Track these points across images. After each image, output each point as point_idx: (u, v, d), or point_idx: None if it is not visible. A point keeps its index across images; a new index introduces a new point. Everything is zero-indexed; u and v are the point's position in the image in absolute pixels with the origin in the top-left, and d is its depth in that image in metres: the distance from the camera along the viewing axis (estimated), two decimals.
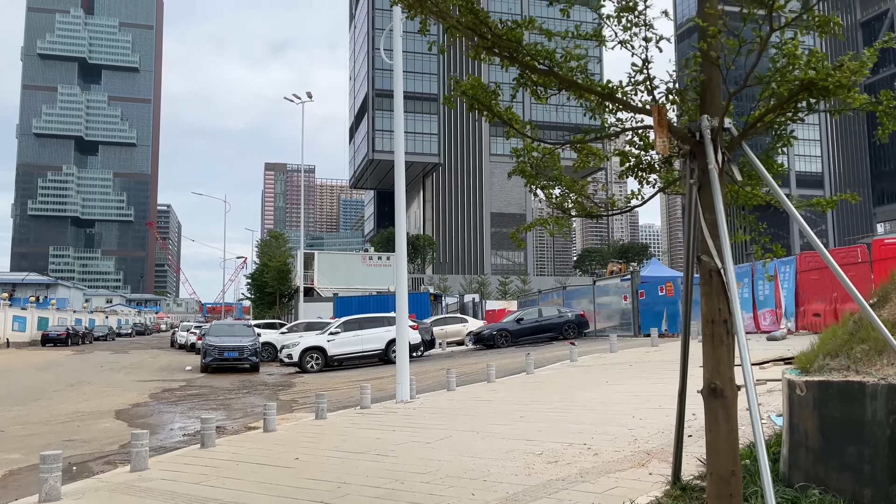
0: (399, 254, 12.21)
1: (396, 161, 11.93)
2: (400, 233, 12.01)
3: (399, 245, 12.00)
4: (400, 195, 12.03)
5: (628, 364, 13.58)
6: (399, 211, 11.87)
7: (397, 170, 12.08)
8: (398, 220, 11.86)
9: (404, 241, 12.28)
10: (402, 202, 11.92)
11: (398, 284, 12.08)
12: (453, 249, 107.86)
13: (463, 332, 28.36)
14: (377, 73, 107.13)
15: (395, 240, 12.04)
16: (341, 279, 44.18)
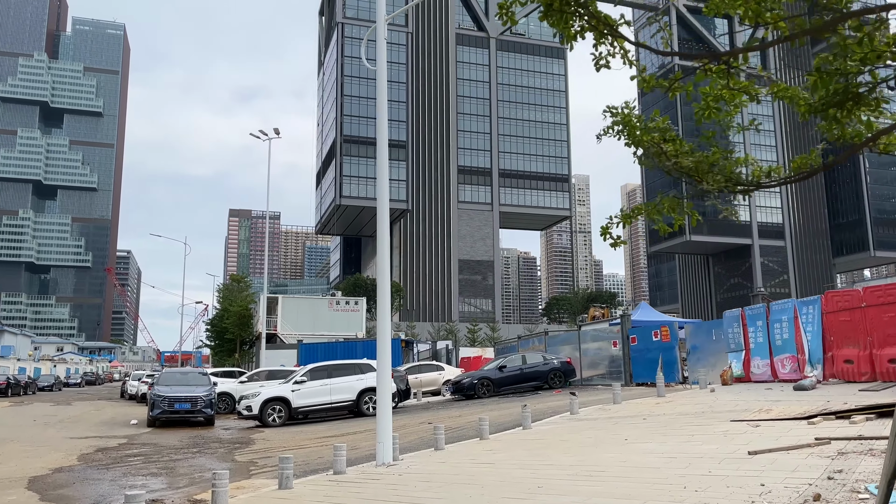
0: (381, 298, 10.40)
1: (379, 206, 10.28)
2: (383, 275, 10.25)
3: (381, 289, 10.23)
4: (383, 237, 10.29)
5: (641, 418, 11.85)
6: (382, 252, 10.13)
7: (380, 214, 10.40)
8: (380, 262, 10.11)
9: (387, 285, 10.48)
10: (385, 242, 10.18)
11: (380, 329, 10.26)
12: (421, 296, 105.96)
13: (439, 381, 26.39)
14: (345, 118, 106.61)
15: (377, 283, 10.26)
16: (306, 325, 41.88)
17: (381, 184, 10.53)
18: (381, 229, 10.36)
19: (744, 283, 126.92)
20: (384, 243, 10.53)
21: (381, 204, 10.47)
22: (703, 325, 18.35)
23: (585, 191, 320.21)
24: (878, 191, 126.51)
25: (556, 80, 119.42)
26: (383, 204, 10.52)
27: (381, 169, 10.62)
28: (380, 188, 10.40)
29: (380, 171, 10.61)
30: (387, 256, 10.54)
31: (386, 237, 10.55)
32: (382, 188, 10.56)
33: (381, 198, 10.32)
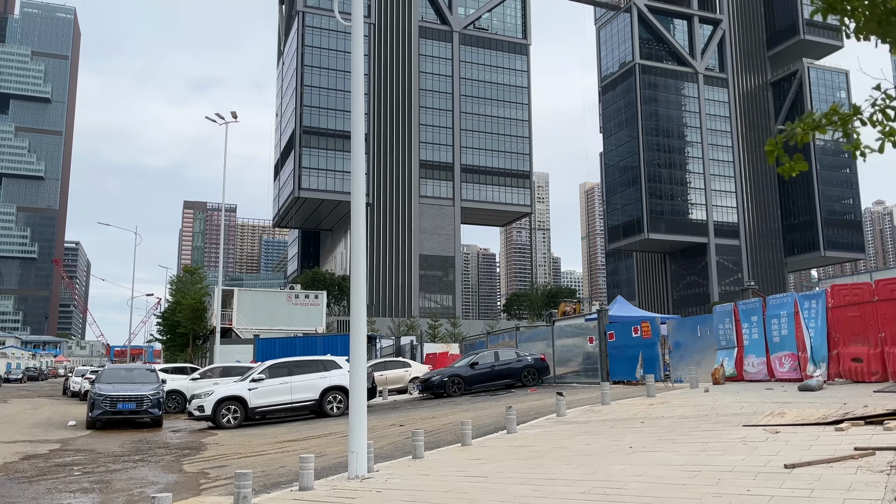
0: (356, 290, 9.07)
1: (354, 193, 8.98)
2: (358, 265, 8.93)
3: (356, 282, 8.92)
4: (358, 226, 8.98)
5: (638, 421, 10.79)
6: (357, 243, 8.82)
7: (354, 203, 9.09)
8: (355, 253, 8.78)
9: (363, 277, 9.15)
10: (360, 232, 8.87)
11: (354, 324, 8.92)
12: (381, 292, 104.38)
13: (406, 378, 25.10)
14: (305, 109, 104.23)
15: (351, 274, 8.91)
16: (264, 319, 40.12)
17: (356, 173, 9.24)
18: (357, 219, 9.07)
19: (700, 282, 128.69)
20: (359, 232, 9.23)
21: (357, 191, 9.19)
22: (687, 320, 17.52)
23: (545, 188, 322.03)
24: (828, 192, 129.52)
25: (518, 77, 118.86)
26: (359, 191, 9.23)
27: (357, 157, 9.33)
28: (355, 177, 9.13)
29: (355, 161, 9.32)
30: (362, 247, 9.24)
31: (362, 226, 9.25)
32: (358, 176, 9.28)
33: (356, 184, 9.04)
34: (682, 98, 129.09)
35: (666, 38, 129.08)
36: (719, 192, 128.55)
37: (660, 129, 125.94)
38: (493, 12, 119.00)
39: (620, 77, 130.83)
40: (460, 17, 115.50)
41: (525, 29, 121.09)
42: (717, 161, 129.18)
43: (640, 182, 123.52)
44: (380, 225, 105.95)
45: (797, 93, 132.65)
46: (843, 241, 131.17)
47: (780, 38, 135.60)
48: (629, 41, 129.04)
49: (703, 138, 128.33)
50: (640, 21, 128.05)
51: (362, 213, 9.18)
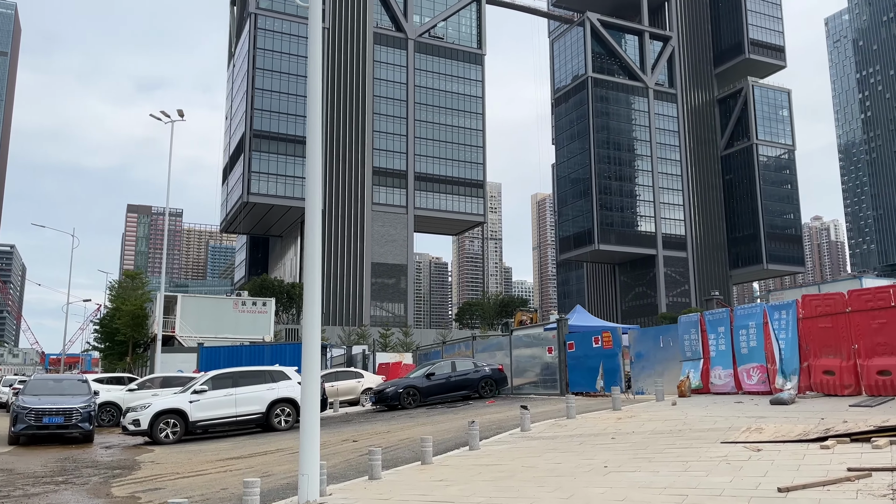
0: (310, 296, 8.24)
1: (309, 194, 8.16)
2: (312, 269, 8.12)
3: (311, 286, 8.08)
4: (313, 228, 8.17)
5: (608, 437, 10.21)
6: (312, 245, 7.99)
7: (310, 202, 8.27)
8: (310, 259, 7.96)
9: (317, 282, 8.33)
10: (315, 233, 8.05)
11: (307, 333, 8.06)
12: (332, 299, 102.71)
13: (358, 389, 24.16)
14: (256, 113, 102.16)
15: (305, 279, 8.06)
16: (208, 326, 38.54)
17: (312, 179, 8.45)
18: (312, 222, 8.25)
19: (648, 293, 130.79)
20: (315, 234, 8.41)
21: (312, 197, 8.38)
22: (649, 330, 17.15)
23: (498, 198, 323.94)
24: (770, 207, 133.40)
25: (473, 86, 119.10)
26: (314, 197, 8.43)
27: (313, 158, 8.53)
28: (310, 183, 8.32)
29: (311, 161, 8.50)
30: (317, 251, 8.41)
31: (317, 227, 8.43)
32: (314, 181, 8.49)
33: (311, 189, 8.22)
34: (633, 112, 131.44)
35: (618, 53, 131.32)
36: (667, 205, 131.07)
37: (611, 141, 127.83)
38: (448, 21, 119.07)
39: (573, 90, 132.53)
40: (415, 25, 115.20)
41: (480, 39, 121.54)
42: (665, 174, 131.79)
43: (591, 194, 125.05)
44: (331, 232, 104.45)
45: (742, 110, 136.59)
46: (784, 255, 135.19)
47: (726, 57, 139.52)
48: (582, 54, 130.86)
49: (653, 152, 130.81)
50: (593, 35, 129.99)
51: (318, 218, 8.37)
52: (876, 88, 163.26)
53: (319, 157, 8.60)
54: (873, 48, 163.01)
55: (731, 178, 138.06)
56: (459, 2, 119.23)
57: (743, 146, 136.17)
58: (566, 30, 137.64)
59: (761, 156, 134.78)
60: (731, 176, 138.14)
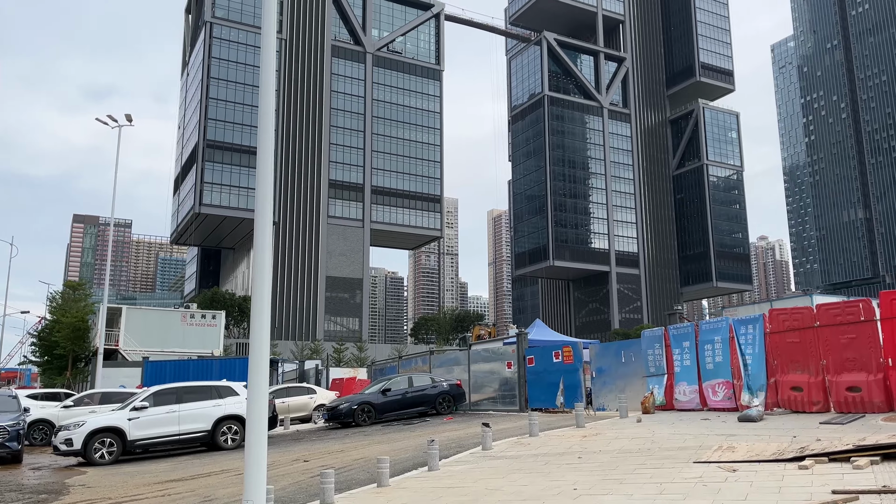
0: (258, 302, 7.55)
1: (259, 198, 7.54)
2: (262, 273, 7.46)
3: (259, 294, 7.42)
4: (263, 230, 7.52)
5: (573, 456, 9.74)
6: (261, 249, 7.36)
7: (260, 205, 7.62)
8: (259, 264, 7.33)
9: (267, 287, 7.64)
10: (264, 237, 7.42)
11: (255, 342, 7.36)
12: (285, 314, 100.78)
13: (310, 406, 23.26)
14: (210, 122, 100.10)
15: (252, 287, 7.35)
16: (155, 340, 37.00)
17: (263, 188, 7.80)
18: (262, 223, 7.59)
19: (601, 309, 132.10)
20: (264, 237, 7.75)
21: (263, 204, 7.73)
22: (611, 345, 16.83)
23: (454, 214, 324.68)
24: (720, 226, 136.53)
25: (431, 101, 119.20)
26: (265, 204, 7.77)
27: (265, 174, 7.89)
28: (260, 190, 7.69)
29: (261, 170, 7.86)
30: (267, 252, 7.75)
31: (267, 230, 7.77)
32: (265, 188, 7.84)
33: (261, 196, 7.59)
34: (588, 130, 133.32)
35: (573, 73, 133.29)
36: (621, 223, 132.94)
37: (566, 159, 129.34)
38: (406, 36, 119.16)
39: (530, 107, 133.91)
40: (374, 39, 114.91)
41: (438, 55, 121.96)
42: (619, 192, 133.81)
43: (546, 210, 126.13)
44: (285, 244, 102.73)
45: (693, 131, 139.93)
46: (733, 273, 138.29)
47: (678, 79, 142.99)
48: (539, 73, 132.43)
49: (607, 170, 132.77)
50: (550, 54, 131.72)
51: (268, 221, 7.72)
52: (819, 113, 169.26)
53: (271, 166, 7.97)
54: (817, 74, 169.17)
55: (683, 198, 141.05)
56: (418, 17, 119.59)
57: (694, 166, 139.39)
58: (523, 48, 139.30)
59: (711, 176, 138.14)
60: (683, 195, 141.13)
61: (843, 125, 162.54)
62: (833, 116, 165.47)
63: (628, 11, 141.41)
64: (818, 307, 11.19)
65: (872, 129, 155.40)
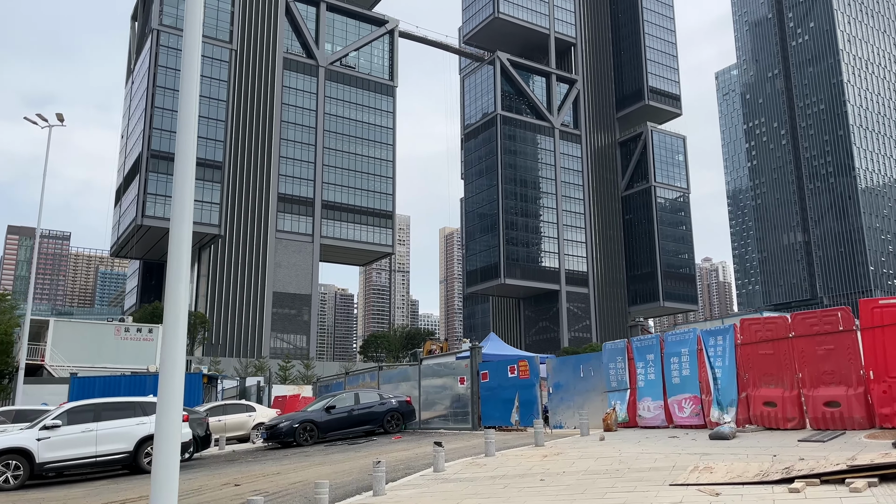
0: (172, 303, 6.40)
1: (177, 195, 6.44)
2: (179, 264, 6.33)
3: (173, 292, 6.31)
4: (180, 224, 6.38)
5: (535, 478, 8.79)
6: (178, 242, 6.23)
7: (177, 202, 6.52)
8: (174, 254, 6.24)
9: (185, 284, 6.49)
10: (182, 230, 6.27)
11: (168, 345, 6.19)
12: (229, 329, 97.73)
13: (249, 424, 21.79)
14: (154, 132, 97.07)
15: (166, 282, 6.12)
16: (85, 355, 34.74)
17: (181, 183, 6.70)
18: (179, 219, 6.46)
19: (551, 327, 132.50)
20: (182, 229, 6.62)
21: (182, 202, 6.61)
22: (569, 359, 16.04)
23: (406, 231, 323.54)
24: (667, 247, 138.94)
25: (384, 117, 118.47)
26: (183, 202, 6.66)
27: (183, 167, 6.80)
28: (179, 186, 6.58)
29: (180, 168, 6.76)
30: (186, 245, 6.62)
31: (186, 222, 6.64)
32: (183, 186, 6.74)
33: (180, 195, 6.48)
34: (539, 150, 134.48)
35: (526, 93, 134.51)
36: (571, 242, 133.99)
37: (518, 178, 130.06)
38: (360, 51, 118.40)
39: (482, 126, 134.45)
40: (327, 53, 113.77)
41: (392, 70, 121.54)
42: (569, 212, 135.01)
43: (498, 229, 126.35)
44: (231, 258, 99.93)
45: (642, 153, 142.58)
46: (679, 293, 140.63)
47: (627, 102, 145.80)
48: (492, 92, 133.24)
49: (558, 190, 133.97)
50: (503, 74, 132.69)
51: (187, 227, 6.61)
52: (761, 139, 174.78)
53: (191, 170, 6.89)
54: (759, 101, 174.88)
55: (631, 218, 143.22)
56: (372, 33, 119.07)
57: (642, 187, 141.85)
58: (477, 67, 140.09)
59: (659, 197, 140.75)
60: (631, 216, 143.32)
61: (783, 151, 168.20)
62: (774, 142, 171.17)
63: (580, 34, 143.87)
64: (793, 316, 10.57)
65: (811, 154, 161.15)
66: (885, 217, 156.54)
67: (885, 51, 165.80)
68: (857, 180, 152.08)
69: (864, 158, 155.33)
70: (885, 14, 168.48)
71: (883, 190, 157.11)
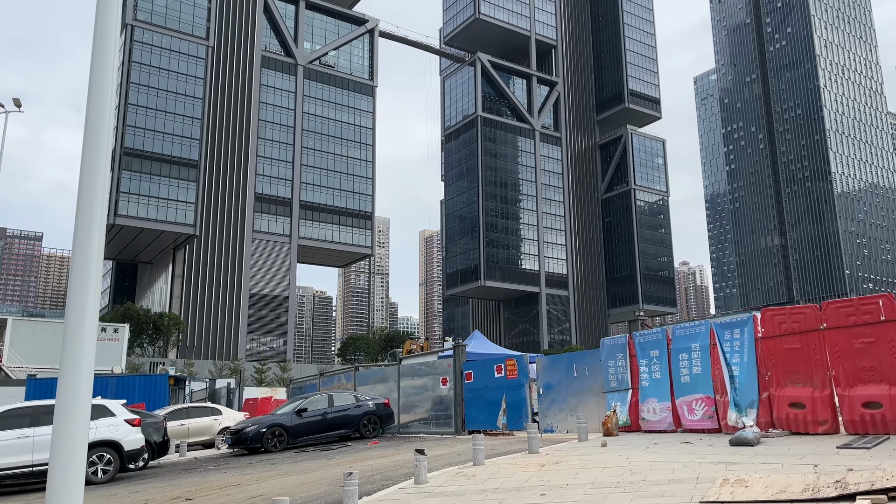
0: (80, 279, 4.99)
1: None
2: (88, 244, 4.92)
3: (83, 279, 4.88)
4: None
5: (535, 492, 7.51)
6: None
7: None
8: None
9: (95, 272, 5.06)
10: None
11: (71, 323, 4.79)
12: (204, 332, 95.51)
13: (215, 429, 20.28)
14: (128, 130, 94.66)
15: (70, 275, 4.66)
16: (45, 356, 32.81)
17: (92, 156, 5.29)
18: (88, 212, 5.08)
19: (531, 330, 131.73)
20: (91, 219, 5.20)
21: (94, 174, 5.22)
22: (562, 357, 14.80)
23: (385, 233, 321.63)
24: (646, 250, 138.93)
25: (364, 117, 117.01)
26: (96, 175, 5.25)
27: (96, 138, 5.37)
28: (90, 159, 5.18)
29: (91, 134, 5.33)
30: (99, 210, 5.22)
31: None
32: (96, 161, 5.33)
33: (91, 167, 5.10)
34: (520, 152, 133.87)
35: (507, 94, 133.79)
36: (551, 245, 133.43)
37: (498, 180, 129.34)
38: (340, 51, 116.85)
39: (463, 127, 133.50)
40: (306, 52, 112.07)
41: (372, 70, 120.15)
42: (549, 214, 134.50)
43: (478, 231, 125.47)
44: (206, 259, 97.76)
45: (622, 156, 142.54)
46: (658, 296, 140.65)
47: (608, 105, 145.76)
48: (472, 94, 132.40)
49: (538, 192, 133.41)
50: (484, 76, 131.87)
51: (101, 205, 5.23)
52: (739, 143, 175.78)
53: (107, 140, 5.50)
54: (737, 106, 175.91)
55: (611, 221, 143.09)
56: (352, 32, 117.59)
57: (622, 190, 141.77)
58: (457, 69, 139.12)
59: (638, 200, 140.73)
60: (611, 219, 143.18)
61: (760, 155, 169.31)
62: (752, 147, 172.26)
63: (560, 37, 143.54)
64: (825, 305, 9.38)
65: (788, 159, 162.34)
66: (861, 221, 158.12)
67: (862, 56, 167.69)
68: (834, 185, 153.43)
69: (840, 163, 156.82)
70: (861, 20, 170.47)
71: (858, 194, 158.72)
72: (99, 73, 4.93)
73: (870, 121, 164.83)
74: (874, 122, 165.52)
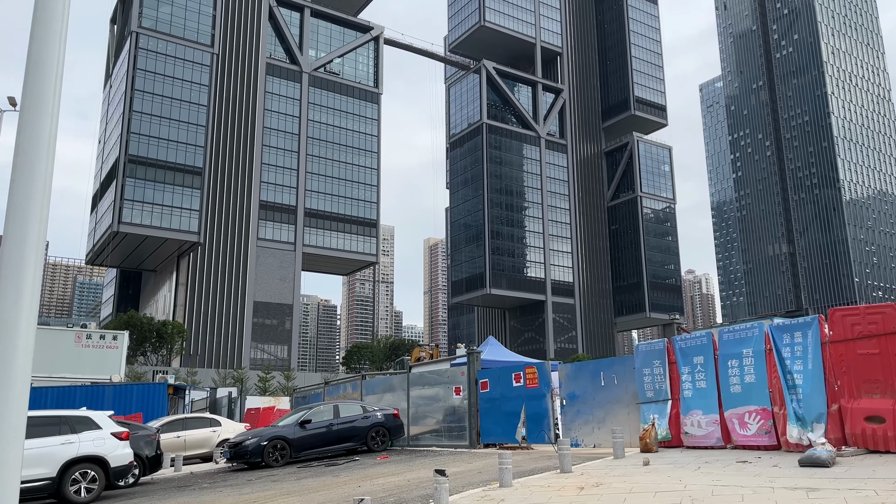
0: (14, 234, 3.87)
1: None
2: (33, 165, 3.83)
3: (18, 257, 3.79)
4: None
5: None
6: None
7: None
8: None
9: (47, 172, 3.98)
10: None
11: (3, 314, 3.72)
12: (207, 340, 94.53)
13: (213, 441, 19.16)
14: (133, 137, 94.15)
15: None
16: (41, 364, 31.80)
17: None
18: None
19: (537, 338, 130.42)
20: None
21: None
22: (587, 365, 13.65)
23: (390, 241, 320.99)
24: (653, 257, 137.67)
25: (368, 124, 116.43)
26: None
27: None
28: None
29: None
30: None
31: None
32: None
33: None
34: (525, 160, 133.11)
35: (512, 102, 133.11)
36: (557, 252, 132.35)
37: (503, 188, 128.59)
38: (345, 58, 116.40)
39: (468, 135, 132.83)
40: (311, 59, 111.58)
41: (377, 78, 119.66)
42: (555, 222, 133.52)
43: (483, 238, 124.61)
44: (210, 266, 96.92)
45: (628, 163, 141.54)
46: (665, 304, 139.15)
47: (613, 112, 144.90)
48: (477, 101, 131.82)
49: (544, 199, 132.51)
50: (489, 83, 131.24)
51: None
52: (746, 150, 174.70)
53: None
54: (743, 113, 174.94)
55: (617, 228, 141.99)
56: (357, 39, 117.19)
57: (628, 198, 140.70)
58: (463, 76, 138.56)
59: (645, 208, 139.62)
60: (617, 226, 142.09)
61: (767, 162, 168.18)
62: (759, 154, 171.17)
63: (566, 44, 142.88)
64: None
65: (795, 166, 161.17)
66: (870, 228, 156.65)
67: (869, 63, 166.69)
68: (842, 192, 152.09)
69: (849, 170, 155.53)
70: (868, 26, 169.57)
71: (867, 202, 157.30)
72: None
73: (878, 127, 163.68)
74: (882, 129, 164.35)
